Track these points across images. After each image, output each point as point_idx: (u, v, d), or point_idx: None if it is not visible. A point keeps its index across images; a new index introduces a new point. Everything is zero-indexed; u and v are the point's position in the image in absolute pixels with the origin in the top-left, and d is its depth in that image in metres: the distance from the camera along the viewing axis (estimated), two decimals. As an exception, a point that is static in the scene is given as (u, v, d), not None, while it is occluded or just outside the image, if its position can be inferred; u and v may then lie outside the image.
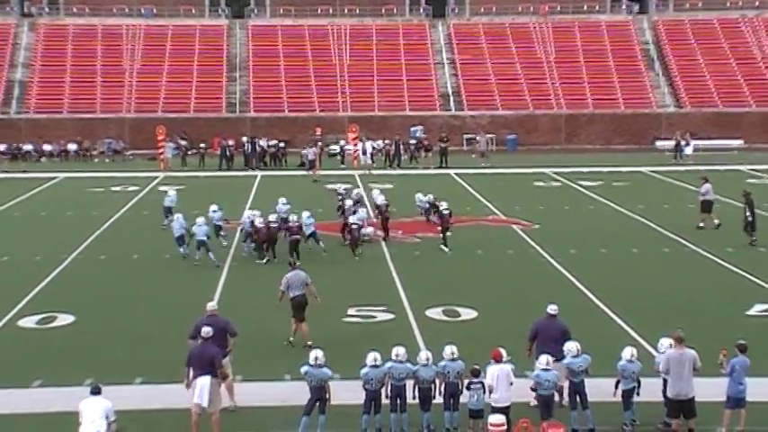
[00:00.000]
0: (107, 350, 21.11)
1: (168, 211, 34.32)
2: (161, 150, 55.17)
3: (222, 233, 32.02)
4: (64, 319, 23.44)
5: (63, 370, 19.66)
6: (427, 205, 35.42)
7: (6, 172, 51.95)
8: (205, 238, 29.49)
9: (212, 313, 17.93)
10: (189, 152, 57.21)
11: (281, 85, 68.53)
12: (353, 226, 31.03)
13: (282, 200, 33.07)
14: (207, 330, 16.61)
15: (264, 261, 29.70)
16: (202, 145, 56.79)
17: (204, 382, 15.98)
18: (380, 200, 33.99)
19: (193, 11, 74.15)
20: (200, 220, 29.95)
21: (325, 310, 23.71)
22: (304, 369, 16.32)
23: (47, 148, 60.05)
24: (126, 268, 29.35)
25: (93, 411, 14.56)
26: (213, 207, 32.38)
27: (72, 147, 60.41)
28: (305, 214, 30.85)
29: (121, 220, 37.41)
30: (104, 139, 61.98)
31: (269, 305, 22.95)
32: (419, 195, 36.44)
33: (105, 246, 32.19)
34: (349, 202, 33.16)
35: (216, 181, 49.10)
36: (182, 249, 30.16)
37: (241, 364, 18.55)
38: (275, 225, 29.96)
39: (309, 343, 20.38)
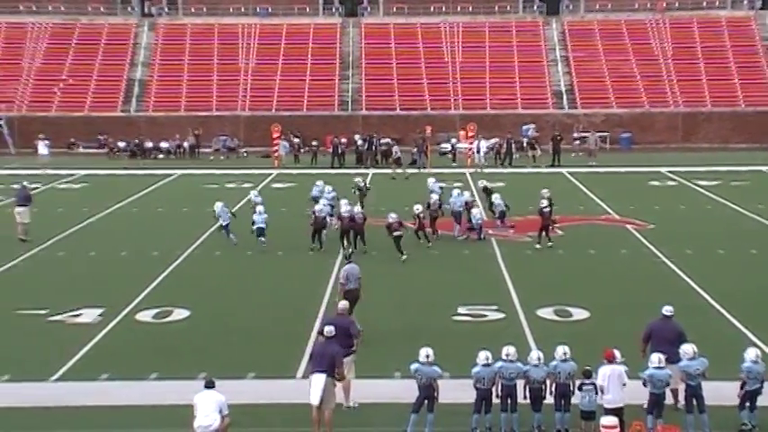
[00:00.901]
0: (221, 345, 21.41)
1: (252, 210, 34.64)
2: (275, 148, 55.80)
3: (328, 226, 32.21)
4: (179, 314, 23.86)
5: (178, 363, 20.02)
6: (503, 207, 34.61)
7: (126, 168, 53.13)
8: (263, 226, 31.21)
9: (341, 312, 17.98)
10: (301, 150, 57.74)
11: (392, 84, 68.68)
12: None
13: (329, 187, 35.21)
14: (329, 329, 16.69)
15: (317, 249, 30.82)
16: (315, 143, 57.27)
17: (319, 379, 16.04)
18: (433, 198, 33.30)
19: (307, 9, 74.81)
20: (260, 208, 31.81)
21: (435, 308, 23.70)
22: (414, 366, 16.31)
23: (164, 145, 61.32)
24: (240, 264, 29.75)
25: (207, 405, 14.79)
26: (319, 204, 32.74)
27: (188, 143, 61.51)
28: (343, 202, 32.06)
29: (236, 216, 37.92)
30: (219, 137, 62.98)
31: (381, 301, 23.00)
32: (496, 197, 35.24)
33: (220, 242, 32.66)
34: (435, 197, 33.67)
35: (327, 179, 49.39)
36: (232, 236, 31.85)
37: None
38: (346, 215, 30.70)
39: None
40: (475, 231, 32.92)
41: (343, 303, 18.41)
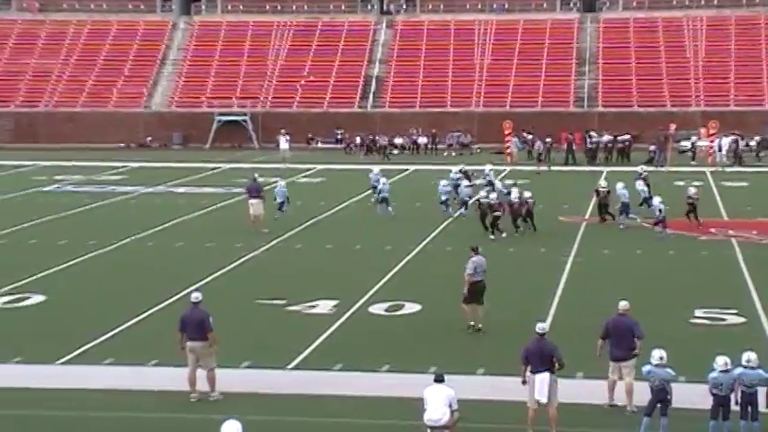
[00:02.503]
0: (451, 339, 21.50)
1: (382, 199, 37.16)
2: (507, 144, 55.64)
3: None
4: (411, 308, 24.12)
5: (409, 356, 20.21)
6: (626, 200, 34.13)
7: (362, 164, 54.24)
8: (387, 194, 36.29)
9: (623, 312, 17.29)
10: (534, 146, 57.33)
11: (630, 80, 67.22)
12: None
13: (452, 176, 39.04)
14: (542, 327, 16.51)
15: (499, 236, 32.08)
16: (548, 139, 56.77)
17: (543, 378, 15.88)
18: (513, 195, 33.89)
19: (544, 5, 74.26)
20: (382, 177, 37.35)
21: (671, 310, 23.01)
22: (647, 369, 15.85)
23: (398, 141, 62.26)
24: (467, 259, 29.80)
25: (437, 399, 14.85)
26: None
27: (422, 140, 62.23)
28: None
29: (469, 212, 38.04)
30: (453, 133, 63.38)
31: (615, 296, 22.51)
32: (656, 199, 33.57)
33: (452, 238, 32.86)
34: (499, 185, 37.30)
35: (558, 176, 48.92)
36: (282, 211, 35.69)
37: (577, 361, 18.25)
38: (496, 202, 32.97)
39: (480, 326, 21.53)
40: (662, 223, 32.16)
41: (624, 303, 17.61)
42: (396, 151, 61.01)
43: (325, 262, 29.84)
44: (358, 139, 62.38)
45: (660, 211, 32.17)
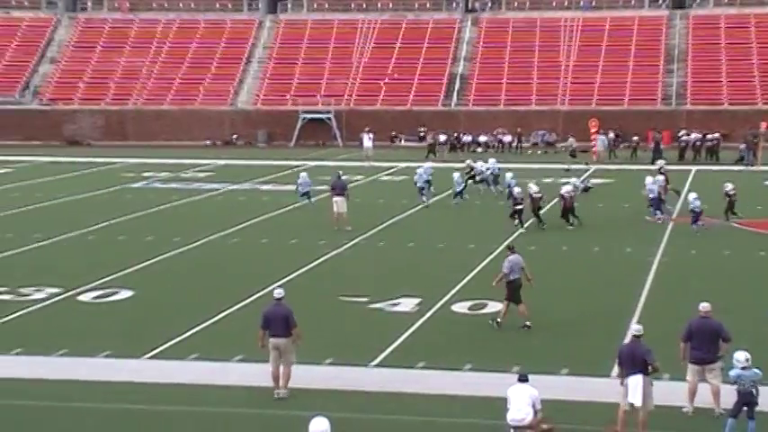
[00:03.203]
0: (534, 338, 21.34)
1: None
2: (593, 143, 55.08)
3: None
4: (494, 306, 23.99)
5: (491, 355, 20.12)
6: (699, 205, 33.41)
7: (446, 162, 54.06)
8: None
9: (705, 315, 17.06)
10: (621, 145, 56.67)
11: (720, 77, 66.07)
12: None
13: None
14: (637, 328, 16.25)
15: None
16: (635, 138, 56.06)
17: (636, 380, 15.61)
18: (533, 190, 34.79)
19: (632, 2, 73.37)
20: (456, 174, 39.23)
21: (748, 309, 22.58)
22: (735, 372, 15.52)
23: (482, 139, 62.03)
24: (555, 258, 29.61)
25: (521, 398, 14.75)
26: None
27: (507, 138, 61.90)
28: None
29: (551, 211, 37.77)
30: (537, 131, 62.94)
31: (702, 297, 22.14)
32: (692, 196, 34.08)
33: (535, 236, 32.64)
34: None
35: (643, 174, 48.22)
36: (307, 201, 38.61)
37: (664, 363, 17.96)
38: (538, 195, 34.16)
39: (528, 324, 21.60)
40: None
41: (705, 305, 17.23)
42: (479, 149, 60.77)
43: (408, 260, 29.84)
44: (442, 137, 62.28)
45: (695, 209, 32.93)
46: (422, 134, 64.36)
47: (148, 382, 18.63)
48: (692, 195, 34.06)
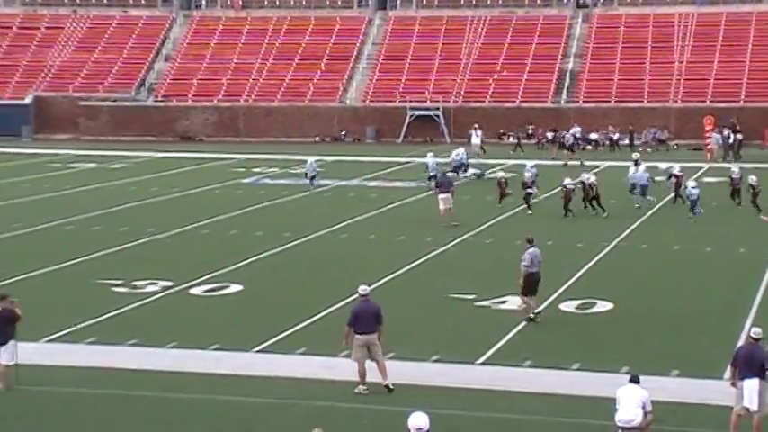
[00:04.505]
0: (645, 339, 21.03)
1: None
2: (707, 141, 53.98)
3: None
4: (602, 306, 23.72)
5: (600, 355, 19.89)
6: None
7: (554, 159, 53.54)
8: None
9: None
10: (740, 143, 55.35)
11: (842, 73, 64.14)
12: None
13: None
14: (756, 331, 15.86)
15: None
16: (739, 136, 54.68)
17: (753, 384, 15.24)
18: (528, 175, 37.62)
19: (746, -4, 71.74)
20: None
21: None
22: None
23: (593, 136, 61.26)
24: (666, 258, 29.13)
25: (630, 399, 14.56)
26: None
27: (617, 136, 61.02)
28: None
29: (660, 211, 37.27)
30: (649, 129, 61.93)
31: None
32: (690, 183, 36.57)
33: (647, 235, 32.18)
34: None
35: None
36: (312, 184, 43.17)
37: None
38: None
39: (532, 316, 22.09)
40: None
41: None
42: (588, 147, 60.01)
43: (516, 257, 29.54)
44: (549, 135, 61.65)
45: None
46: (530, 132, 63.80)
47: (256, 375, 18.88)
48: (691, 183, 36.37)
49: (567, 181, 36.53)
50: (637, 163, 40.01)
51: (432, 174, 41.98)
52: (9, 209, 38.82)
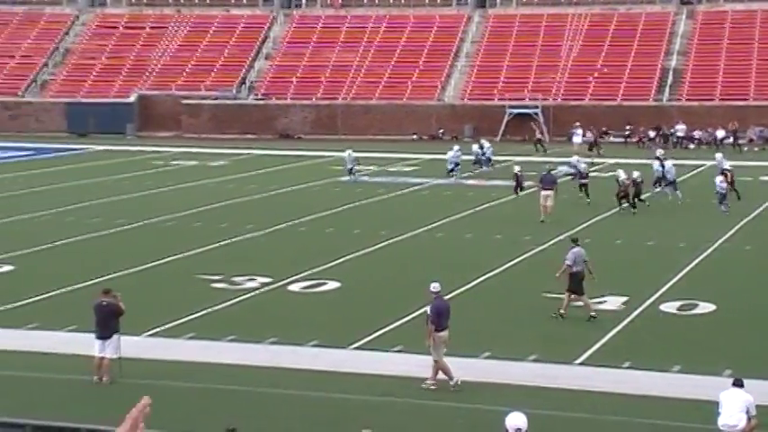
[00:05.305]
0: (747, 341, 20.56)
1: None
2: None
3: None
4: (705, 307, 23.26)
5: (701, 358, 19.51)
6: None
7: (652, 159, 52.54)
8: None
9: None
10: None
11: None
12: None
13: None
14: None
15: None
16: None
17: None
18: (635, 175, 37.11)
19: None
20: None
21: None
22: None
23: (696, 134, 60.14)
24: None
25: (734, 404, 14.24)
26: None
27: (720, 134, 59.79)
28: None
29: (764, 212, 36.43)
30: (755, 128, 60.56)
31: None
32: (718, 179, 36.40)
33: (751, 236, 31.48)
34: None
35: None
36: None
37: None
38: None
39: (593, 314, 21.89)
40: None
41: None
42: (692, 146, 58.91)
43: (615, 257, 29.23)
44: (652, 133, 60.67)
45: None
46: (627, 132, 62.83)
47: (353, 372, 18.92)
48: (719, 179, 36.31)
49: (622, 176, 36.90)
50: (660, 159, 40.84)
51: (450, 167, 45.85)
52: (112, 205, 39.61)
